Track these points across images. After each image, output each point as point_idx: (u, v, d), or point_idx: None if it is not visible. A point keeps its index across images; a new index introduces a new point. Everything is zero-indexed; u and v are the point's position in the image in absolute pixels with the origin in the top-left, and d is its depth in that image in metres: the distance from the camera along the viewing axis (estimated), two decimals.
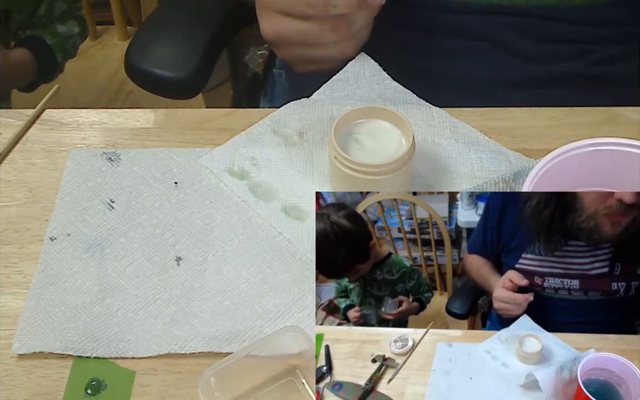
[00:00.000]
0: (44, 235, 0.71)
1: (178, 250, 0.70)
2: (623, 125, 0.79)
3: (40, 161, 0.78)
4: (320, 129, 0.79)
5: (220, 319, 0.65)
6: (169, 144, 0.79)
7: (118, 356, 0.63)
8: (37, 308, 0.66)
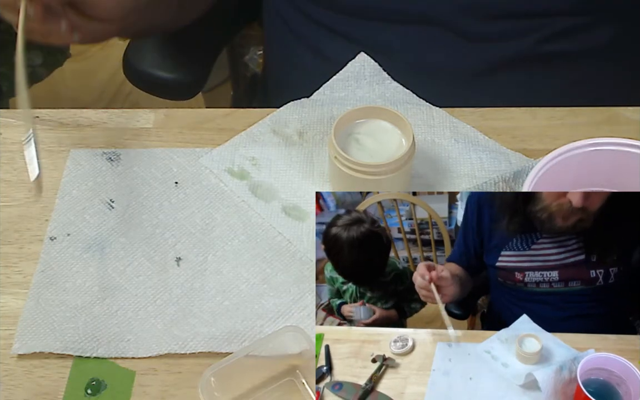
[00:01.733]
0: (44, 235, 0.71)
1: (178, 250, 0.70)
2: (623, 125, 0.79)
3: (40, 161, 0.77)
4: (320, 129, 0.79)
5: (220, 319, 0.65)
6: (169, 144, 0.79)
7: (118, 356, 0.63)
8: (37, 308, 0.66)
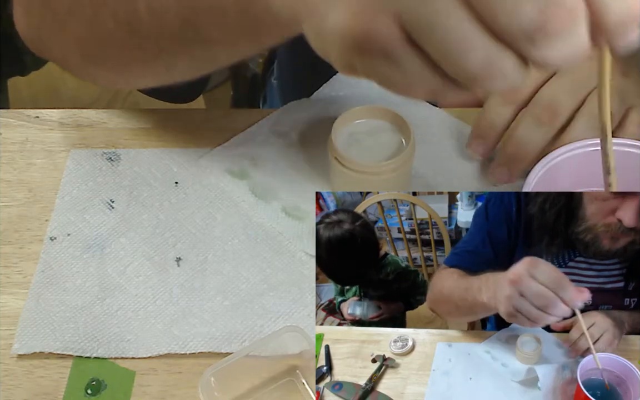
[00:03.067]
0: (44, 235, 0.71)
1: (178, 250, 0.70)
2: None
3: (40, 161, 0.78)
4: (321, 129, 0.79)
5: (220, 319, 0.65)
6: (169, 144, 0.79)
7: (118, 356, 0.63)
8: (37, 308, 0.66)
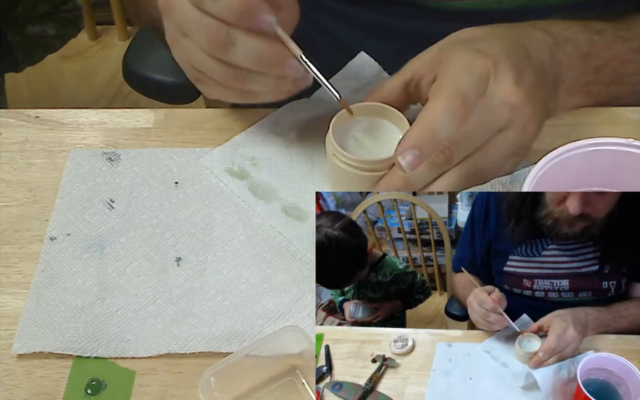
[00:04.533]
0: (44, 235, 0.71)
1: (178, 250, 0.70)
2: (623, 126, 0.78)
3: (40, 161, 0.78)
4: (320, 129, 0.79)
5: (220, 319, 0.65)
6: (169, 144, 0.79)
7: (118, 356, 0.63)
8: (37, 308, 0.66)
